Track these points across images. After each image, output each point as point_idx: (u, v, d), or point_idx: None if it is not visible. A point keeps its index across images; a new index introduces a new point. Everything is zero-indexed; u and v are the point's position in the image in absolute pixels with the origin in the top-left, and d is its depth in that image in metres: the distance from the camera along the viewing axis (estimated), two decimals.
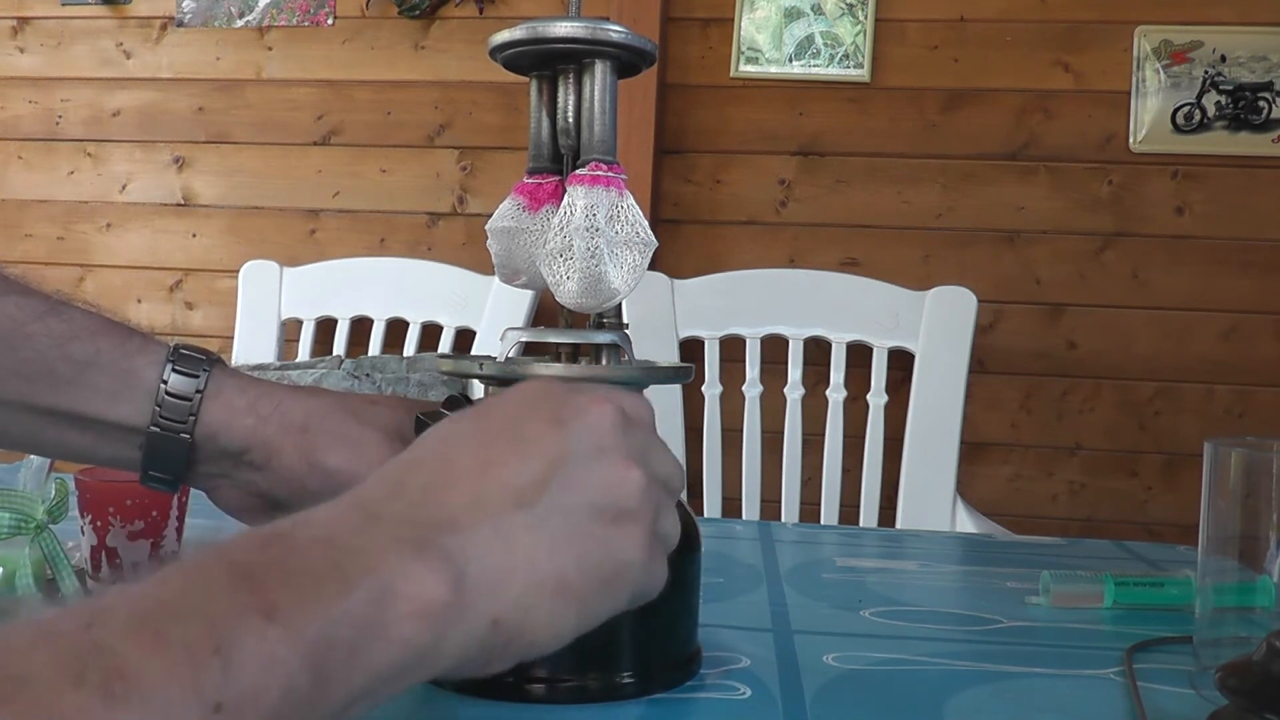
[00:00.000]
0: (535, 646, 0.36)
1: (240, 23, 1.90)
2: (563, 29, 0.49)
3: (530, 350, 0.53)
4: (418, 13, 1.83)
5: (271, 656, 0.27)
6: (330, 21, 1.88)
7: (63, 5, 1.95)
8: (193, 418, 0.50)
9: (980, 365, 1.70)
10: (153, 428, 0.50)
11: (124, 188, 1.94)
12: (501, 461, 0.37)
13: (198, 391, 0.50)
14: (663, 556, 0.41)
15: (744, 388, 1.59)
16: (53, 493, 0.58)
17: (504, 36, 0.51)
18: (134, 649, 0.25)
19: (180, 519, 0.64)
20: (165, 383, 0.50)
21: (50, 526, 0.57)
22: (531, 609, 0.36)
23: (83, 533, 0.63)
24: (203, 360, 0.51)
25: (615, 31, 0.50)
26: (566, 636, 0.37)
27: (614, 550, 0.38)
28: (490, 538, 0.35)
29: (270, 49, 1.90)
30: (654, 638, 0.50)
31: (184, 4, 1.91)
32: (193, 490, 0.66)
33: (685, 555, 0.52)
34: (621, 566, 0.38)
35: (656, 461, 0.41)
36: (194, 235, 1.93)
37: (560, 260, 0.49)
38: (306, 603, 0.29)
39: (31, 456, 0.56)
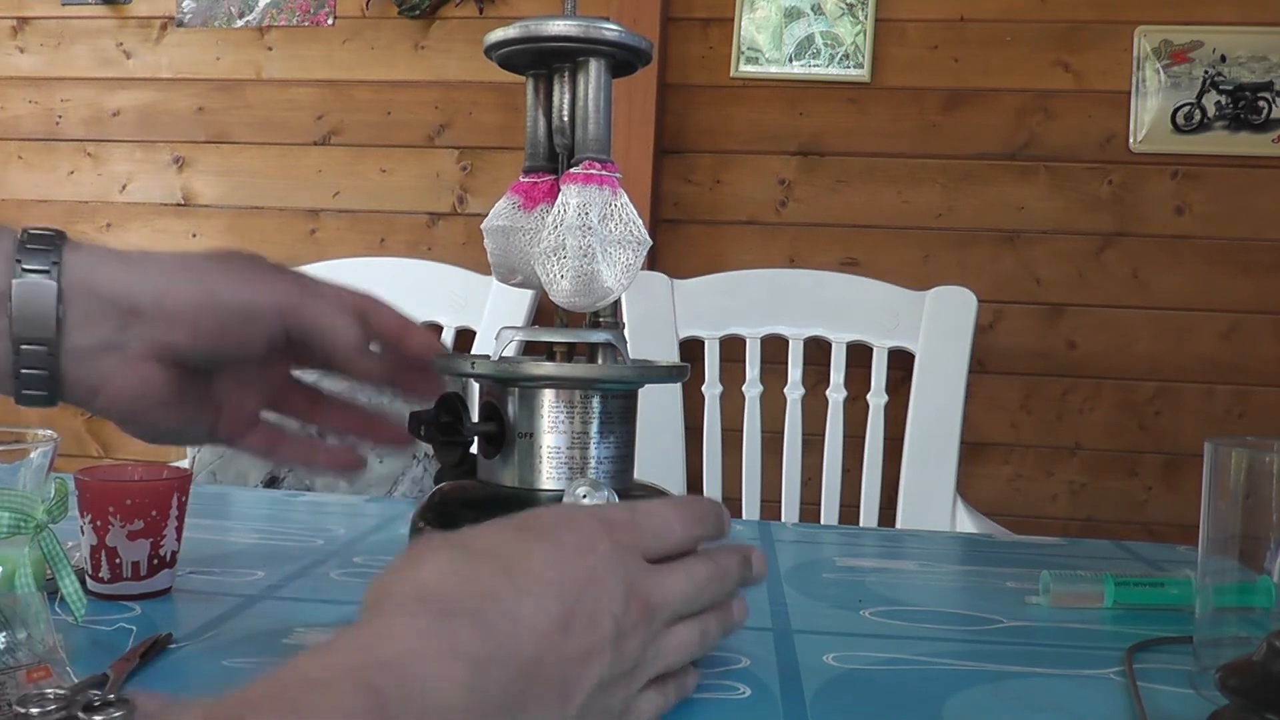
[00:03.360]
0: None
1: (240, 23, 1.90)
2: (557, 27, 0.49)
3: (527, 349, 0.53)
4: (418, 13, 1.83)
5: None
6: (330, 21, 1.88)
7: (63, 5, 1.95)
8: (56, 265, 0.46)
9: (980, 365, 1.70)
10: (14, 280, 0.46)
11: (124, 188, 1.95)
12: (576, 653, 0.38)
13: (56, 241, 0.47)
14: (650, 695, 0.43)
15: (744, 388, 1.59)
16: (52, 492, 0.58)
17: (499, 35, 0.51)
18: None
19: (180, 519, 0.64)
20: (20, 236, 0.47)
21: (50, 526, 0.57)
22: None
23: (83, 532, 0.63)
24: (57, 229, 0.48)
25: (609, 30, 0.50)
26: None
27: None
28: None
29: (270, 49, 1.90)
30: None
31: (184, 4, 1.91)
32: (193, 490, 0.66)
33: None
34: None
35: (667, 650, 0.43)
36: (194, 235, 1.93)
37: (554, 259, 0.49)
38: None
39: (32, 455, 0.56)
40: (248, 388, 0.54)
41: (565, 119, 0.52)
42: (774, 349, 1.60)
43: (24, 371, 0.47)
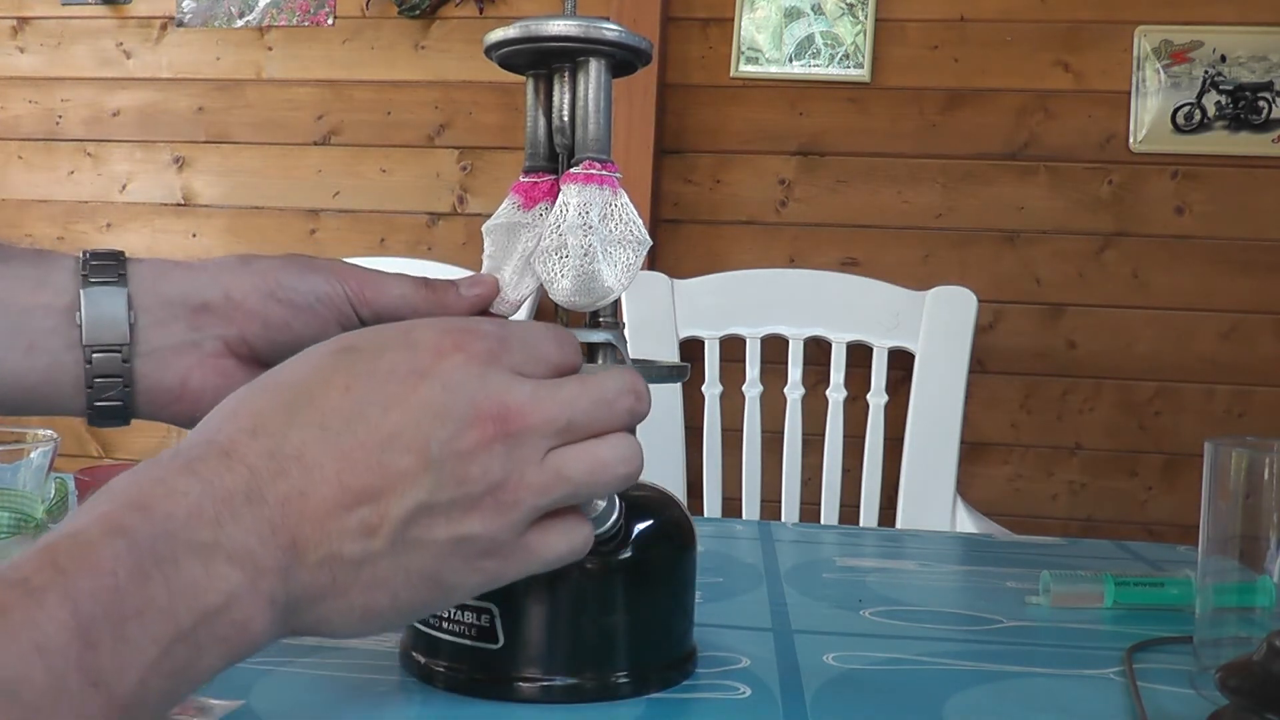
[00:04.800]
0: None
1: (240, 23, 1.90)
2: (557, 27, 0.49)
3: None
4: (418, 13, 1.83)
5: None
6: (330, 21, 1.88)
7: (63, 5, 1.95)
8: (122, 276, 0.47)
9: (980, 365, 1.70)
10: (82, 290, 0.46)
11: (124, 187, 1.95)
12: (363, 487, 0.35)
13: (118, 257, 0.48)
14: (557, 532, 0.39)
15: (744, 388, 1.59)
16: (52, 492, 0.58)
17: (498, 35, 0.51)
18: None
19: None
20: (82, 256, 0.47)
21: (50, 526, 0.56)
22: (354, 629, 0.36)
23: None
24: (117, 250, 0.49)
25: (610, 29, 0.50)
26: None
27: (476, 582, 0.37)
28: (334, 575, 0.34)
29: (270, 49, 1.90)
30: (648, 637, 0.50)
31: (184, 4, 1.91)
32: None
33: (679, 554, 0.51)
34: (485, 585, 0.38)
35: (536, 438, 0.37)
36: (194, 235, 1.93)
37: (555, 258, 0.49)
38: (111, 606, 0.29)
39: (32, 455, 0.56)
40: None
41: (565, 119, 0.52)
42: (774, 349, 1.60)
43: (98, 380, 0.46)
